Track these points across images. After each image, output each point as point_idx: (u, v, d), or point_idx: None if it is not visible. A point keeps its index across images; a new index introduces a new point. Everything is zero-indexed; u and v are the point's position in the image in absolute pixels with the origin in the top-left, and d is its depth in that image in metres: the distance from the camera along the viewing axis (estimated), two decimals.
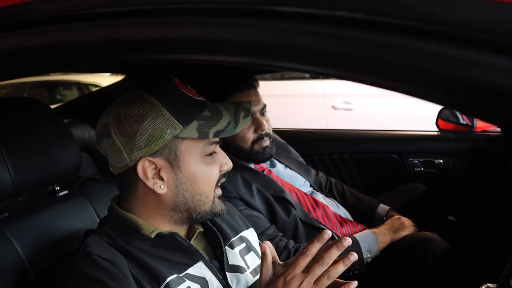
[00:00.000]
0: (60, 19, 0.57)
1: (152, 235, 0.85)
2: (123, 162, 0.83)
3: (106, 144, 0.85)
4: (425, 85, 0.40)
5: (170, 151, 0.83)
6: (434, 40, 0.36)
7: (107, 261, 0.79)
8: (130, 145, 0.81)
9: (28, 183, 1.03)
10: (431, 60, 0.36)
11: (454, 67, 0.35)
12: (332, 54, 0.39)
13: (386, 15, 0.35)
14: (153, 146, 0.81)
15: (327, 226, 1.50)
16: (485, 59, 0.35)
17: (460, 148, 1.98)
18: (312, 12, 0.38)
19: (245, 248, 1.00)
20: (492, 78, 0.34)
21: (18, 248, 0.96)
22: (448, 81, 0.36)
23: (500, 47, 0.34)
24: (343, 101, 4.03)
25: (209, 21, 0.45)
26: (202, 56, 0.52)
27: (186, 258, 0.87)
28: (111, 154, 0.85)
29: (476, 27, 0.34)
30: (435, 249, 1.36)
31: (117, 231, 0.87)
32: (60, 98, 6.37)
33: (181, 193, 0.85)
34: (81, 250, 0.82)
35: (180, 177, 0.84)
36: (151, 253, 0.85)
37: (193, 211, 0.87)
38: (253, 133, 1.47)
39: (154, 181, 0.83)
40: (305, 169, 1.72)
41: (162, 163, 0.83)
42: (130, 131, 0.81)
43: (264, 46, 0.43)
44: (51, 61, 0.68)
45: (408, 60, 0.36)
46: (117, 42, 0.55)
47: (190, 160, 0.84)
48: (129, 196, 0.88)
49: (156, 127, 0.80)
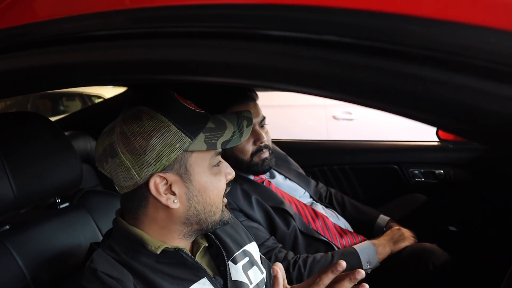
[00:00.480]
0: (59, 41, 0.59)
1: (158, 251, 0.84)
2: (132, 180, 0.82)
3: (112, 164, 0.82)
4: (414, 108, 0.41)
5: (180, 165, 0.83)
6: (421, 64, 0.37)
7: (112, 279, 0.78)
8: (139, 163, 0.80)
9: (29, 196, 1.04)
10: (418, 84, 0.37)
11: (440, 90, 0.36)
12: (319, 76, 0.40)
13: (371, 40, 0.36)
14: (163, 161, 0.80)
15: (327, 237, 1.50)
16: (470, 82, 0.36)
17: (460, 158, 1.99)
18: (300, 36, 0.39)
19: (248, 262, 0.99)
20: (475, 101, 0.36)
21: (19, 261, 0.97)
22: (435, 104, 0.37)
23: (479, 70, 0.35)
24: (344, 111, 4.04)
25: (201, 44, 0.46)
26: (193, 77, 0.53)
27: (190, 274, 0.86)
28: (117, 174, 0.83)
29: (461, 52, 0.35)
30: (435, 261, 1.36)
31: (122, 245, 0.86)
32: (63, 109, 6.41)
33: (193, 206, 0.85)
34: (87, 266, 0.81)
35: (191, 190, 0.84)
36: (155, 269, 0.84)
37: (203, 222, 0.87)
38: (252, 145, 1.47)
39: (167, 197, 0.83)
40: (304, 180, 1.73)
41: (173, 178, 0.82)
42: (138, 149, 0.80)
43: (254, 68, 0.44)
44: (50, 81, 0.69)
45: (394, 83, 0.37)
46: (112, 64, 0.56)
47: (200, 172, 0.85)
48: (136, 213, 0.86)
49: (165, 142, 0.80)
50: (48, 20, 0.56)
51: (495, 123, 0.36)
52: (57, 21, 0.55)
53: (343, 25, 0.37)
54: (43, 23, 0.56)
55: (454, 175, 1.97)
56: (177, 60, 0.50)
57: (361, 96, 0.41)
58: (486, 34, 0.34)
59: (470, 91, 0.35)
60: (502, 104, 0.35)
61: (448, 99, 0.36)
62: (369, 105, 0.42)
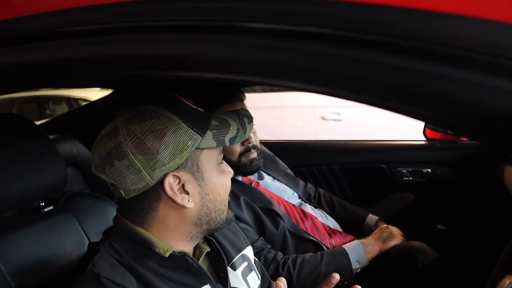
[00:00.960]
0: (44, 36, 0.58)
1: (166, 254, 0.81)
2: (143, 182, 0.78)
3: (120, 166, 0.78)
4: (399, 100, 0.40)
5: (193, 163, 0.81)
6: (404, 55, 0.36)
7: (116, 285, 0.74)
8: (151, 163, 0.77)
9: (12, 200, 1.02)
10: (402, 75, 0.37)
11: (423, 81, 0.36)
12: (300, 68, 0.40)
13: (351, 31, 0.36)
14: (177, 160, 0.78)
15: (316, 237, 1.50)
16: (457, 74, 0.36)
17: (447, 157, 2.00)
18: (281, 28, 0.39)
19: (247, 267, 0.98)
20: (462, 93, 0.35)
21: (1, 266, 0.95)
22: (420, 96, 0.37)
23: (470, 63, 0.35)
24: (333, 111, 4.05)
25: (186, 38, 0.46)
26: (179, 73, 0.52)
27: (193, 280, 0.84)
28: (125, 177, 0.78)
29: (443, 42, 0.35)
30: (423, 259, 1.36)
31: (124, 246, 0.82)
32: (49, 113, 6.34)
33: (206, 205, 0.84)
34: (88, 270, 0.77)
35: (204, 188, 0.83)
36: (158, 273, 0.81)
37: (213, 221, 0.86)
38: (240, 145, 1.47)
39: (182, 197, 0.80)
40: (293, 180, 1.73)
41: (186, 177, 0.80)
42: (151, 148, 0.77)
43: (236, 61, 0.43)
44: (32, 79, 0.68)
45: (376, 74, 0.37)
46: (97, 59, 0.55)
47: (211, 170, 0.84)
48: (143, 217, 0.82)
49: (178, 140, 0.78)
50: (26, 16, 0.54)
51: (482, 116, 0.36)
52: (36, 16, 0.54)
53: (322, 16, 0.37)
54: (22, 18, 0.55)
55: (442, 173, 1.99)
56: (160, 55, 0.49)
57: (344, 88, 0.41)
58: (472, 24, 0.34)
59: (455, 82, 0.35)
60: (490, 96, 0.35)
61: (432, 91, 0.36)
62: (354, 98, 0.42)
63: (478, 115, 0.36)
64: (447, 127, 0.37)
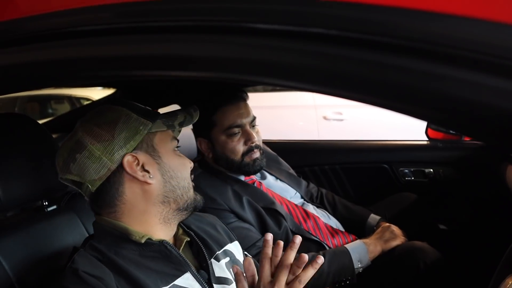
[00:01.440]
0: (47, 37, 0.58)
1: (142, 240, 0.86)
2: (105, 168, 0.86)
3: (81, 159, 0.86)
4: (401, 100, 0.40)
5: (148, 145, 0.90)
6: (406, 56, 0.36)
7: (93, 277, 0.79)
8: (109, 148, 0.86)
9: (16, 199, 1.03)
10: (404, 75, 0.37)
11: (426, 81, 0.36)
12: (306, 68, 0.40)
13: (356, 31, 0.36)
14: (132, 142, 0.87)
15: (318, 237, 1.50)
16: (458, 74, 0.36)
17: (449, 157, 2.00)
18: (287, 29, 0.39)
19: (229, 262, 1.02)
20: (461, 92, 0.35)
21: (4, 264, 0.96)
22: (419, 96, 0.37)
23: (474, 63, 0.35)
24: (335, 111, 4.05)
25: (187, 39, 0.46)
26: (179, 73, 0.52)
27: (173, 269, 0.88)
28: (88, 168, 0.86)
29: (446, 43, 0.35)
30: (426, 259, 1.36)
31: (104, 242, 0.88)
32: (51, 112, 6.34)
33: (168, 181, 0.91)
34: (68, 267, 0.83)
35: (163, 166, 0.91)
36: (139, 264, 0.85)
37: (181, 199, 0.93)
38: (243, 145, 1.47)
39: (143, 174, 0.88)
40: (295, 180, 1.73)
41: (143, 157, 0.89)
42: (107, 135, 0.86)
43: (241, 62, 0.43)
44: (35, 79, 0.68)
45: (380, 75, 0.37)
46: (97, 60, 0.55)
47: (167, 151, 0.93)
48: (114, 206, 0.89)
49: (130, 126, 0.88)
50: (29, 17, 0.54)
51: (485, 116, 0.36)
52: (39, 17, 0.54)
53: (329, 17, 0.37)
54: (25, 19, 0.55)
55: (444, 173, 1.99)
56: (165, 55, 0.49)
57: (347, 88, 0.41)
58: (476, 25, 0.34)
59: (456, 82, 0.35)
60: (492, 96, 0.35)
61: (433, 91, 0.36)
62: (356, 98, 0.42)
63: (481, 115, 0.36)
64: (451, 127, 0.37)
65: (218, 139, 1.47)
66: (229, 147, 1.46)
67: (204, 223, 1.06)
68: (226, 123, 1.45)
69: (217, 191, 1.43)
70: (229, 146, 1.46)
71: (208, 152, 1.51)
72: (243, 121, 1.46)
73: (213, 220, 1.11)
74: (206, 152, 1.52)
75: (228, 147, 1.46)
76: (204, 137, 1.50)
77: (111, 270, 0.83)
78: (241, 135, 1.47)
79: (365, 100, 0.41)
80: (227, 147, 1.46)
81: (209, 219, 1.10)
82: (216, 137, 1.47)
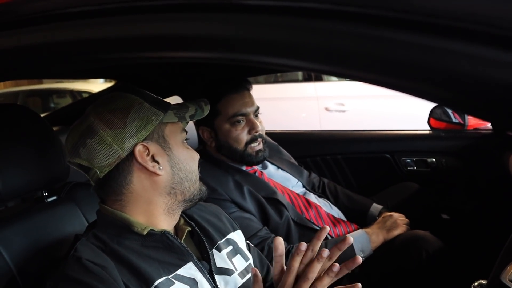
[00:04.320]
0: (39, 19, 0.57)
1: (144, 232, 0.86)
2: (115, 155, 0.85)
3: (92, 144, 0.85)
4: (404, 77, 0.39)
5: (159, 135, 0.90)
6: (410, 30, 0.35)
7: (97, 265, 0.79)
8: (121, 136, 0.85)
9: (16, 190, 1.02)
10: (407, 51, 0.36)
11: (429, 56, 0.35)
12: (302, 46, 0.39)
13: (354, 5, 0.34)
14: (144, 131, 0.87)
15: (320, 226, 1.50)
16: (466, 49, 0.34)
17: (452, 146, 1.99)
18: (279, 4, 0.38)
19: (232, 250, 1.01)
20: (472, 68, 0.34)
21: (5, 255, 0.95)
22: (429, 73, 0.35)
23: (479, 37, 0.33)
24: (337, 102, 4.04)
25: (183, 18, 0.45)
26: (174, 53, 0.51)
27: (176, 259, 0.88)
28: (97, 154, 0.85)
29: (449, 16, 0.34)
30: (428, 248, 1.35)
31: (107, 232, 0.88)
32: (53, 106, 6.35)
33: (177, 173, 0.91)
34: (71, 255, 0.83)
35: (172, 157, 0.91)
36: (141, 253, 0.85)
37: (187, 191, 0.93)
38: (247, 134, 1.47)
39: (153, 164, 0.88)
40: (297, 169, 1.72)
41: (154, 148, 0.89)
42: (119, 123, 0.86)
43: (232, 40, 0.42)
44: (25, 65, 0.67)
45: (381, 51, 0.36)
46: (94, 42, 0.54)
47: (177, 143, 0.92)
48: (120, 194, 0.89)
49: (142, 115, 0.87)
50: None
51: (493, 93, 0.35)
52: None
53: None
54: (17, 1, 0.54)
55: (446, 163, 1.98)
56: (164, 35, 0.48)
57: (350, 67, 0.39)
58: None
59: (463, 57, 0.34)
60: (500, 71, 0.33)
61: (439, 67, 0.35)
62: (358, 77, 0.41)
63: (487, 91, 0.35)
64: (457, 106, 0.36)
65: (222, 128, 1.46)
66: (233, 136, 1.46)
67: (206, 212, 1.06)
68: (230, 111, 1.45)
69: (218, 181, 1.42)
70: (232, 134, 1.45)
71: (211, 141, 1.51)
72: (247, 110, 1.46)
73: (216, 209, 1.10)
74: (209, 141, 1.51)
75: (232, 135, 1.46)
76: (207, 126, 1.49)
77: (112, 260, 0.83)
78: (245, 124, 1.46)
79: (368, 79, 0.40)
80: (230, 136, 1.46)
81: (211, 208, 1.10)
82: (220, 126, 1.47)
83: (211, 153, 1.53)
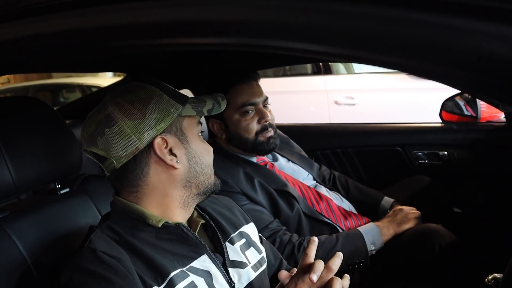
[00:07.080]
0: (50, 8, 0.56)
1: (159, 225, 0.86)
2: (133, 146, 0.85)
3: (110, 134, 0.85)
4: (416, 57, 0.38)
5: (177, 128, 0.90)
6: (423, 10, 0.34)
7: (111, 257, 0.79)
8: (140, 127, 0.85)
9: (29, 182, 1.03)
10: (421, 29, 0.34)
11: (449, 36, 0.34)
12: (323, 29, 0.38)
13: None
14: (163, 124, 0.87)
15: (331, 219, 1.49)
16: (480, 26, 0.33)
17: (464, 139, 1.96)
18: None
19: (245, 243, 1.01)
20: (489, 46, 0.33)
21: (20, 246, 0.96)
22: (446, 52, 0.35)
23: (492, 13, 0.32)
24: (346, 96, 4.00)
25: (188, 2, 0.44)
26: (190, 40, 0.50)
27: (190, 251, 0.88)
28: (115, 144, 0.85)
29: None
30: (441, 241, 1.34)
31: (121, 224, 0.88)
32: (63, 101, 6.39)
33: (193, 167, 0.91)
34: (85, 246, 0.83)
35: (190, 151, 0.91)
36: (156, 246, 0.86)
37: (202, 184, 0.93)
38: (257, 123, 1.47)
39: (171, 157, 0.88)
40: (307, 162, 1.71)
41: (172, 140, 0.88)
42: (138, 114, 0.85)
43: (251, 24, 0.41)
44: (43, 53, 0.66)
45: (403, 31, 0.35)
46: (104, 29, 0.54)
47: (194, 136, 0.93)
48: (136, 186, 0.88)
49: (161, 107, 0.87)
50: None
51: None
52: None
53: None
54: None
55: (458, 156, 1.95)
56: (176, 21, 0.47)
57: (372, 49, 0.38)
58: None
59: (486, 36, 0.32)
60: None
61: (461, 46, 0.34)
62: (374, 60, 0.40)
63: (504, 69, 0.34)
64: (474, 88, 0.35)
65: (232, 119, 1.46)
66: (243, 126, 1.46)
67: (219, 205, 1.06)
68: (239, 101, 1.45)
69: (229, 173, 1.42)
70: (242, 124, 1.45)
71: (221, 133, 1.51)
72: (256, 100, 1.46)
73: (229, 202, 1.10)
74: (219, 133, 1.51)
75: (242, 125, 1.46)
76: (216, 118, 1.49)
77: (127, 251, 0.83)
78: (254, 113, 1.46)
79: (381, 62, 0.39)
80: (240, 126, 1.46)
81: (224, 201, 1.10)
82: (229, 117, 1.47)
83: (221, 145, 1.53)
